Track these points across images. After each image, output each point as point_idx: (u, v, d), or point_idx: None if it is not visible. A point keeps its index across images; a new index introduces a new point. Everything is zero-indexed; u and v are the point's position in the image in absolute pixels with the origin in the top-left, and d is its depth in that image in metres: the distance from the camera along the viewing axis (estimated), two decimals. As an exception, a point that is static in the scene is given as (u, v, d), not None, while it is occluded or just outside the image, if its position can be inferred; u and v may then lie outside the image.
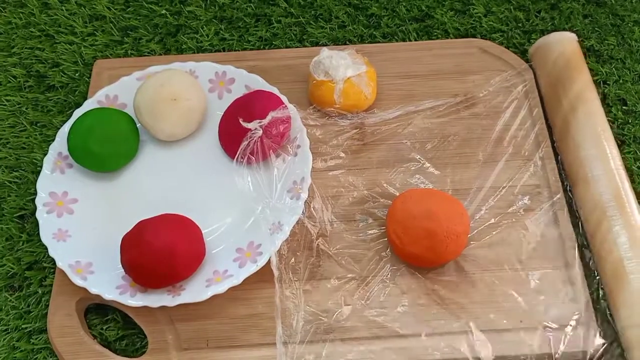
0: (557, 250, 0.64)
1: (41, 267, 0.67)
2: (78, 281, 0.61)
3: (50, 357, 0.63)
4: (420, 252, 0.61)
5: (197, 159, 0.71)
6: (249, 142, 0.66)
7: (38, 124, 0.76)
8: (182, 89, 0.68)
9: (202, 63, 0.73)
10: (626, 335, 0.58)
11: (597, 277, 0.62)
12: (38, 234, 0.64)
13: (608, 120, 0.72)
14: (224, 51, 0.81)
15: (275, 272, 0.62)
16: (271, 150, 0.67)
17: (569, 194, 0.67)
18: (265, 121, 0.66)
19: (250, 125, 0.66)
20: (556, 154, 0.70)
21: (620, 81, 0.77)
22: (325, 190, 0.68)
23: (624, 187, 0.64)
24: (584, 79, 0.71)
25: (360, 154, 0.71)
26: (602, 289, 0.61)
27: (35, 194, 0.66)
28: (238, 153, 0.67)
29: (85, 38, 0.82)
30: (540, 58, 0.74)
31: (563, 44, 0.74)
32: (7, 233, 0.69)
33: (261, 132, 0.66)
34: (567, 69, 0.72)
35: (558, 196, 0.67)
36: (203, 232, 0.63)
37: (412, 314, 0.61)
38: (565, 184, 0.68)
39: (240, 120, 0.67)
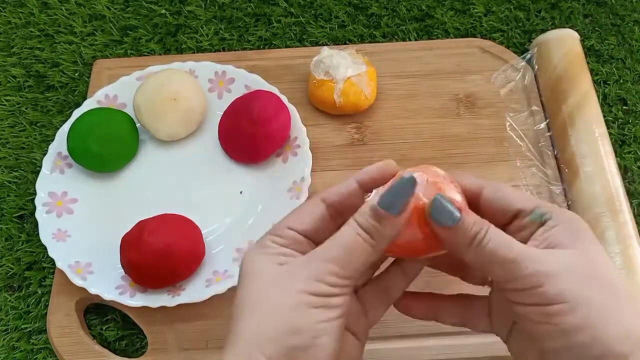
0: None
1: (41, 267, 0.67)
2: (77, 281, 0.61)
3: (50, 357, 0.63)
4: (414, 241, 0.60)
5: (197, 159, 0.70)
6: (250, 142, 0.66)
7: (38, 124, 0.76)
8: (182, 89, 0.68)
9: (202, 63, 0.73)
10: None
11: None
12: (37, 234, 0.64)
13: (608, 120, 0.72)
14: (223, 51, 0.81)
15: (276, 272, 0.62)
16: (271, 150, 0.67)
17: (567, 193, 0.67)
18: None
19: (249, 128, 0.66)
20: (555, 153, 0.70)
21: (621, 81, 0.77)
22: (326, 190, 0.68)
23: (616, 188, 0.65)
24: (586, 81, 0.71)
25: (361, 154, 0.71)
26: None
27: (34, 194, 0.66)
28: (239, 154, 0.67)
29: (85, 38, 0.82)
30: (543, 55, 0.74)
31: (566, 44, 0.74)
32: (6, 233, 0.69)
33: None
34: (570, 70, 0.72)
35: (558, 196, 0.67)
36: (203, 232, 0.63)
37: (412, 314, 0.61)
38: (564, 183, 0.68)
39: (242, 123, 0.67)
